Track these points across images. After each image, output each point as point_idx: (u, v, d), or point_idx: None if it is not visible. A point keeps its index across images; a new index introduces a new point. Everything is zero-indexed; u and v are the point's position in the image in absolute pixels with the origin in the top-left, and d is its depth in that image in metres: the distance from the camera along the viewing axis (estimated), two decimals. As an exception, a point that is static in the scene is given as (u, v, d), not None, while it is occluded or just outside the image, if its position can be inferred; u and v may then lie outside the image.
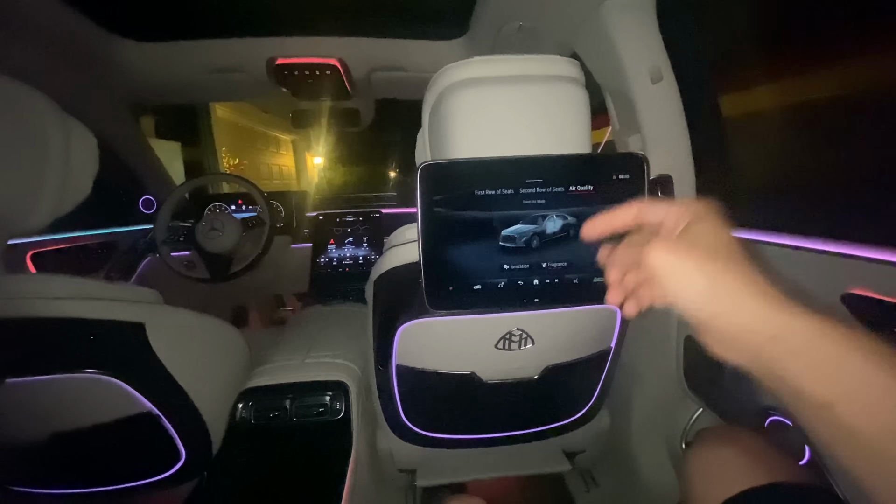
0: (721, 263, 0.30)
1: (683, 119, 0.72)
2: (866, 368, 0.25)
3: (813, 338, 0.26)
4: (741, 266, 0.29)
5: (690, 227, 0.33)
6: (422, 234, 0.50)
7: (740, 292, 0.28)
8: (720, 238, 0.31)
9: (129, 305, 0.65)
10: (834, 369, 0.25)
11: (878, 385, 0.24)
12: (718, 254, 0.30)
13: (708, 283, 0.30)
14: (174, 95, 1.41)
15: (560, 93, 0.55)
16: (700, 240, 0.32)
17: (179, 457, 0.73)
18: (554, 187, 0.50)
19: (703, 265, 0.30)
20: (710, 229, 0.32)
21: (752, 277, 0.29)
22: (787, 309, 0.27)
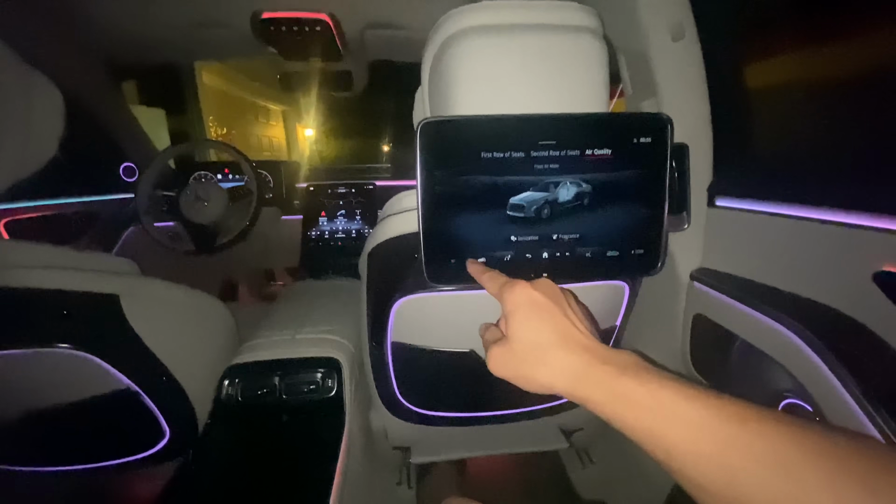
0: (531, 366, 0.36)
1: (704, 82, 0.67)
2: (702, 420, 0.27)
3: (640, 396, 0.30)
4: (554, 355, 0.35)
5: (509, 324, 0.38)
6: (421, 201, 0.45)
7: (559, 384, 0.35)
8: (527, 335, 0.37)
9: (101, 276, 0.60)
10: (641, 407, 0.30)
11: (685, 416, 0.28)
12: (530, 354, 0.36)
13: (534, 384, 0.36)
14: (153, 53, 1.32)
15: (577, 45, 0.49)
16: (516, 339, 0.38)
17: (163, 434, 0.69)
18: (569, 150, 0.45)
19: (522, 371, 0.37)
20: (520, 328, 0.37)
21: (567, 363, 0.35)
22: (605, 375, 0.33)
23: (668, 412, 0.29)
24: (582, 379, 0.34)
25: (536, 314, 0.37)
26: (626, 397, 0.31)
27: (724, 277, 0.67)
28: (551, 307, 0.38)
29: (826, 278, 0.53)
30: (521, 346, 0.37)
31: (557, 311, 0.38)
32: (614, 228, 0.47)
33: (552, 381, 0.35)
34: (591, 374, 0.33)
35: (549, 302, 0.38)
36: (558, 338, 0.36)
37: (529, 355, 0.37)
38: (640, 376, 0.31)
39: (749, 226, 0.63)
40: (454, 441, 0.95)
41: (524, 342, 0.37)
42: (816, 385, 0.50)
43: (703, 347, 0.71)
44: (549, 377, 0.35)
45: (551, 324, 0.37)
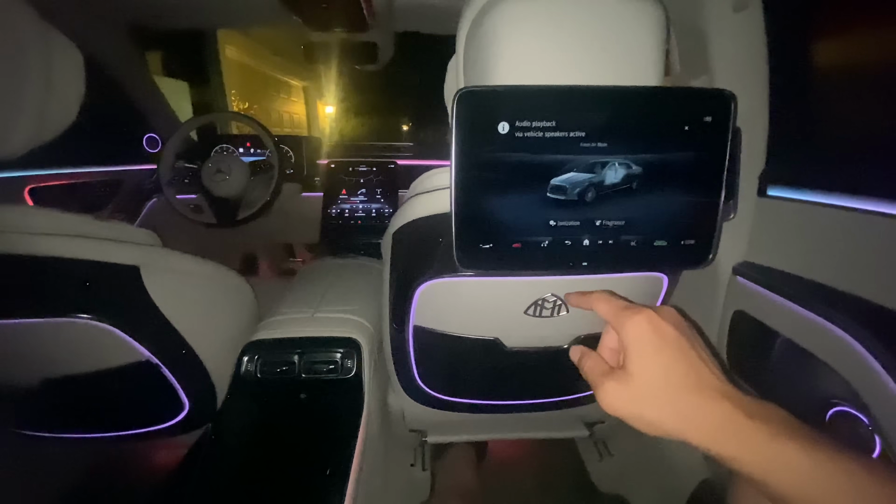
0: (658, 410, 0.32)
1: (766, 59, 0.61)
2: (852, 477, 0.26)
3: (797, 467, 0.27)
4: (688, 401, 0.31)
5: (630, 358, 0.34)
6: (455, 179, 0.41)
7: (692, 435, 0.30)
8: (654, 373, 0.33)
9: (122, 246, 0.59)
10: (806, 479, 0.27)
11: (865, 492, 0.25)
12: (657, 395, 0.32)
13: (658, 429, 0.32)
14: (176, 17, 1.29)
15: (632, 9, 0.44)
16: (640, 377, 0.33)
17: (183, 407, 0.69)
18: (619, 127, 0.41)
19: (644, 413, 0.33)
20: (646, 364, 0.33)
21: (704, 412, 0.30)
22: (754, 433, 0.28)
23: (843, 487, 0.26)
24: (723, 433, 0.30)
25: (666, 350, 0.33)
26: (784, 464, 0.27)
27: (770, 273, 0.63)
28: (682, 343, 0.34)
29: (887, 277, 0.48)
30: (645, 385, 0.33)
31: (689, 347, 0.34)
32: (664, 216, 0.43)
33: (684, 431, 0.31)
34: (734, 430, 0.29)
35: (680, 336, 0.34)
36: (692, 381, 0.32)
37: (657, 397, 0.32)
38: (799, 439, 0.28)
39: (802, 217, 0.58)
40: (471, 425, 0.94)
41: (650, 381, 0.33)
42: (874, 393, 0.46)
43: (743, 347, 0.67)
44: (681, 425, 0.31)
45: (684, 363, 0.33)
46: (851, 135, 0.60)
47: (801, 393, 0.57)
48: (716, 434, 0.30)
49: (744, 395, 0.31)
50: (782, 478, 0.27)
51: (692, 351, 0.33)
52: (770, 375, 0.62)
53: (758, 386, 0.65)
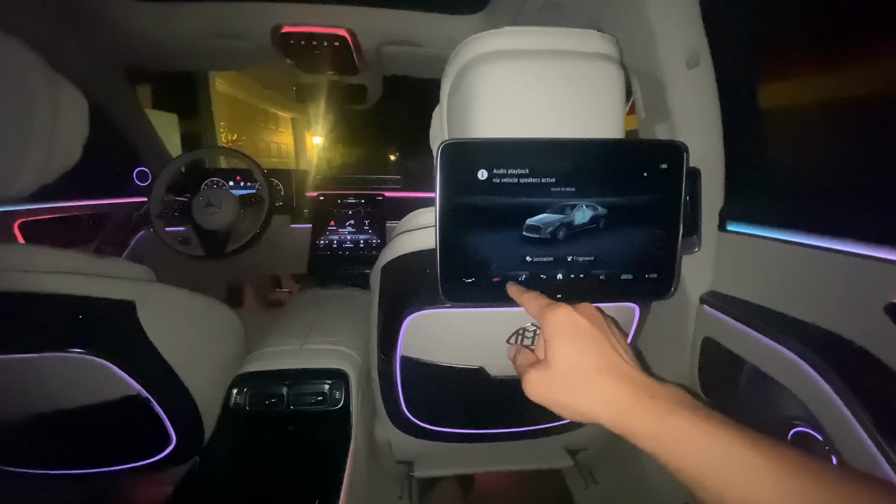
0: (572, 393, 0.35)
1: (718, 108, 0.68)
2: (760, 467, 0.27)
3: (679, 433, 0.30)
4: (598, 383, 0.34)
5: (549, 348, 0.37)
6: (439, 219, 0.46)
7: (602, 414, 0.34)
8: (569, 360, 0.36)
9: (119, 282, 0.61)
10: (694, 450, 0.29)
11: (742, 461, 0.28)
12: (572, 380, 0.35)
13: (574, 412, 0.35)
14: (172, 61, 1.34)
15: (595, 71, 0.50)
16: (557, 364, 0.36)
17: (170, 441, 0.69)
18: (585, 174, 0.46)
19: (561, 398, 0.36)
20: (561, 352, 0.36)
21: (612, 392, 0.34)
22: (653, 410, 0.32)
23: (724, 455, 0.28)
24: (628, 411, 0.33)
25: (578, 338, 0.36)
26: (677, 436, 0.30)
27: (733, 301, 0.68)
28: (595, 332, 0.37)
29: (837, 307, 0.53)
30: (562, 371, 0.36)
31: (602, 336, 0.37)
32: (629, 252, 0.48)
33: (594, 411, 0.34)
34: (637, 408, 0.32)
35: (594, 327, 0.37)
36: (603, 365, 0.35)
37: (571, 382, 0.35)
38: (689, 414, 0.31)
39: (759, 251, 0.64)
40: (458, 456, 0.94)
41: (565, 367, 0.36)
42: (826, 414, 0.50)
43: (712, 371, 0.71)
44: (592, 406, 0.34)
45: (596, 350, 0.36)
46: (794, 176, 0.66)
47: (766, 414, 0.61)
48: (620, 412, 0.33)
49: (647, 378, 0.35)
50: (674, 450, 0.30)
51: (604, 340, 0.37)
52: (737, 398, 0.66)
53: (727, 407, 0.69)
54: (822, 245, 0.55)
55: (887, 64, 0.53)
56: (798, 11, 0.60)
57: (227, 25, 1.11)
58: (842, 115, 0.60)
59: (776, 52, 0.65)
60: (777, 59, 0.66)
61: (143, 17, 1.07)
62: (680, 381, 0.77)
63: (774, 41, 0.65)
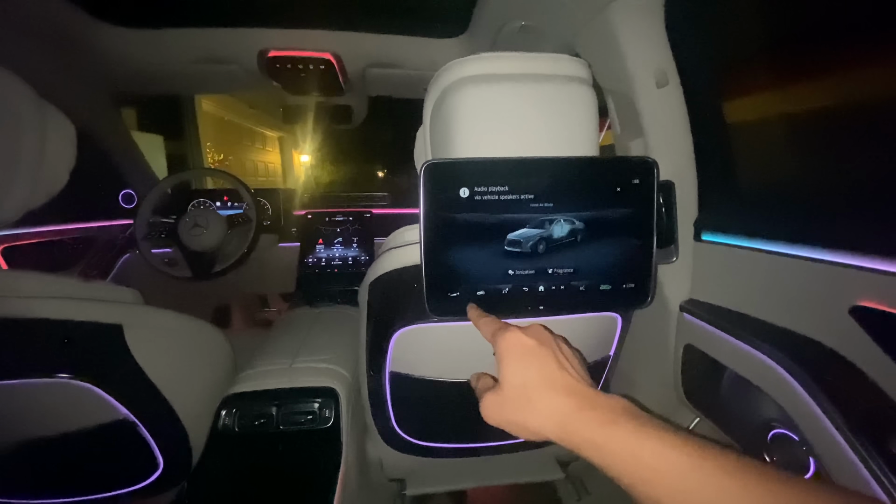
0: (521, 411, 0.36)
1: (688, 124, 0.71)
2: (688, 471, 0.28)
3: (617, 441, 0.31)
4: (541, 398, 0.36)
5: (500, 370, 0.39)
6: (424, 236, 0.47)
7: (548, 429, 0.34)
8: (516, 379, 0.37)
9: (106, 306, 0.61)
10: (630, 457, 0.30)
11: (670, 463, 0.29)
12: (519, 398, 0.37)
13: (525, 430, 0.36)
14: (159, 85, 1.36)
15: (569, 93, 0.53)
16: (506, 384, 0.38)
17: (157, 466, 0.69)
18: (562, 191, 0.48)
19: (512, 417, 0.37)
20: (509, 372, 0.38)
21: (554, 406, 0.35)
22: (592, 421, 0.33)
23: (656, 462, 0.29)
24: (569, 424, 0.34)
25: (525, 358, 0.38)
26: (612, 445, 0.31)
27: (711, 309, 0.70)
28: (540, 351, 0.38)
29: (807, 311, 0.56)
30: (510, 390, 0.37)
31: (547, 353, 0.38)
32: (606, 263, 0.50)
33: (541, 426, 0.35)
34: (579, 419, 0.33)
35: (539, 345, 0.39)
36: (545, 381, 0.36)
37: (518, 400, 0.37)
38: (628, 423, 0.32)
39: (733, 259, 0.67)
40: (449, 473, 0.94)
41: (513, 387, 0.37)
42: (800, 415, 0.52)
43: (694, 377, 0.73)
44: (538, 422, 0.35)
45: (538, 367, 0.37)
46: (762, 187, 0.70)
47: (746, 417, 0.62)
48: (564, 425, 0.34)
49: (591, 390, 0.36)
50: (612, 458, 0.31)
51: (550, 357, 0.38)
52: (719, 402, 0.68)
53: (709, 411, 0.71)
54: (791, 252, 0.57)
55: (842, 80, 0.57)
56: (756, 33, 0.64)
57: (214, 51, 1.13)
58: (803, 129, 0.64)
59: (738, 71, 0.69)
60: (740, 78, 0.70)
61: (130, 44, 1.09)
62: (664, 388, 0.79)
63: (736, 61, 0.69)
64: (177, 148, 3.09)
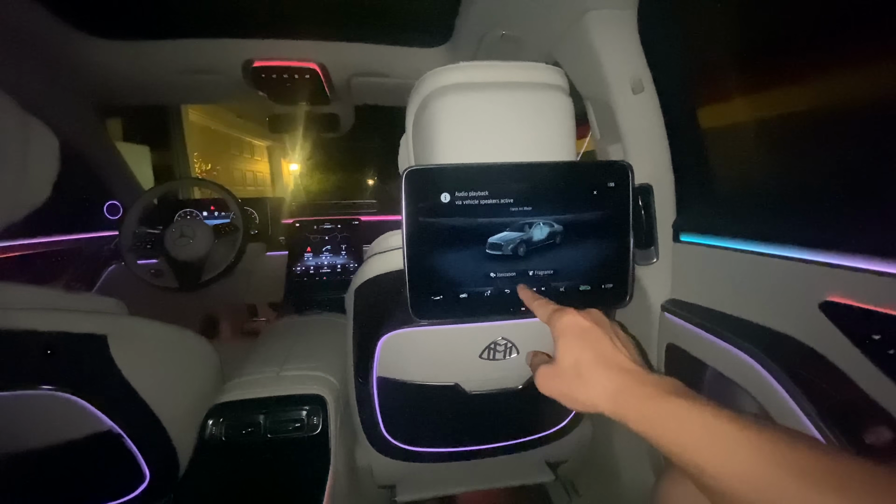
0: (575, 384, 0.40)
1: (664, 129, 0.74)
2: (737, 438, 0.30)
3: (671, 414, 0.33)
4: (597, 374, 0.39)
5: (557, 346, 0.42)
6: (406, 241, 0.48)
7: (601, 402, 0.38)
8: (572, 356, 0.40)
9: (90, 316, 0.60)
10: (679, 427, 0.32)
11: (719, 434, 0.31)
12: (573, 372, 0.40)
13: (577, 402, 0.40)
14: (144, 96, 1.36)
15: (545, 100, 0.54)
16: (562, 359, 0.41)
17: (143, 478, 0.68)
18: (540, 194, 0.50)
19: (566, 390, 0.40)
20: (566, 350, 0.41)
21: (607, 382, 0.38)
22: (636, 400, 0.35)
23: (704, 430, 0.31)
24: (621, 397, 0.37)
25: (582, 337, 0.41)
26: (663, 417, 0.34)
27: (691, 308, 0.72)
28: (597, 331, 0.41)
29: (781, 308, 0.58)
30: (566, 366, 0.41)
31: (602, 334, 0.41)
32: (585, 264, 0.51)
33: (595, 399, 0.38)
34: (630, 394, 0.36)
35: (595, 327, 0.42)
36: (599, 358, 0.39)
37: (574, 375, 0.40)
38: (678, 398, 0.34)
39: (710, 259, 0.68)
40: (439, 478, 0.94)
41: (570, 362, 0.40)
42: (777, 410, 0.53)
43: (677, 375, 0.74)
44: (592, 395, 0.38)
45: (596, 346, 0.40)
46: (735, 189, 0.72)
47: (726, 414, 0.64)
48: (616, 399, 0.37)
49: (642, 369, 0.39)
50: (660, 430, 0.34)
51: (604, 338, 0.41)
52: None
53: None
54: (765, 251, 0.59)
55: (809, 85, 0.59)
56: (725, 42, 0.67)
57: (199, 61, 1.13)
58: (773, 133, 0.66)
59: (710, 78, 0.72)
60: (711, 85, 0.73)
61: (115, 56, 1.09)
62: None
63: (707, 69, 0.71)
64: (163, 158, 3.07)
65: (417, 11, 1.03)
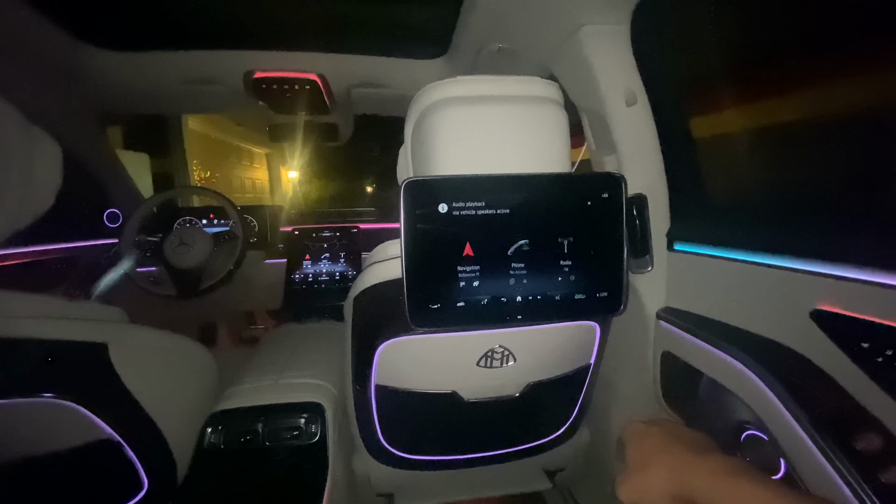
0: (644, 469, 0.43)
1: (657, 141, 0.75)
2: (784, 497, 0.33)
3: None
4: (659, 461, 0.42)
5: (627, 454, 0.46)
6: (405, 250, 0.49)
7: (665, 485, 0.40)
8: (642, 449, 0.45)
9: (91, 324, 0.61)
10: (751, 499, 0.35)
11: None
12: (642, 463, 0.44)
13: (643, 490, 0.42)
14: (146, 106, 1.37)
15: (541, 113, 0.56)
16: (631, 460, 0.45)
17: (141, 486, 0.68)
18: (536, 205, 0.51)
19: (637, 481, 0.43)
20: (635, 447, 0.46)
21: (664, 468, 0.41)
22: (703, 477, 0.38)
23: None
24: (684, 479, 0.39)
25: (649, 437, 0.46)
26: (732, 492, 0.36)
27: (686, 316, 0.73)
28: (658, 431, 0.46)
29: (773, 316, 0.59)
30: (634, 464, 0.45)
31: (665, 434, 0.46)
32: (580, 273, 0.52)
33: (659, 484, 0.41)
34: (690, 475, 0.39)
35: (658, 429, 0.47)
36: (665, 448, 0.44)
37: (640, 468, 0.44)
38: (746, 474, 0.37)
39: (704, 268, 0.70)
40: (438, 486, 0.94)
41: (637, 460, 0.45)
42: (768, 415, 0.54)
43: (673, 383, 0.75)
44: (657, 481, 0.41)
45: (662, 441, 0.45)
46: (728, 199, 0.73)
47: (721, 420, 0.64)
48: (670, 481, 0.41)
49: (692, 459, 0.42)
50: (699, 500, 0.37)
51: (666, 434, 0.46)
52: (696, 406, 0.70)
53: (687, 415, 0.73)
54: (757, 260, 0.61)
55: (799, 96, 0.61)
56: (715, 56, 0.68)
57: (201, 72, 1.15)
58: (764, 145, 0.67)
59: (701, 91, 0.73)
60: (702, 97, 0.74)
61: (117, 66, 1.10)
62: (645, 394, 0.81)
63: (698, 82, 0.73)
64: (163, 166, 3.07)
65: (416, 24, 1.05)
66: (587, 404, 0.81)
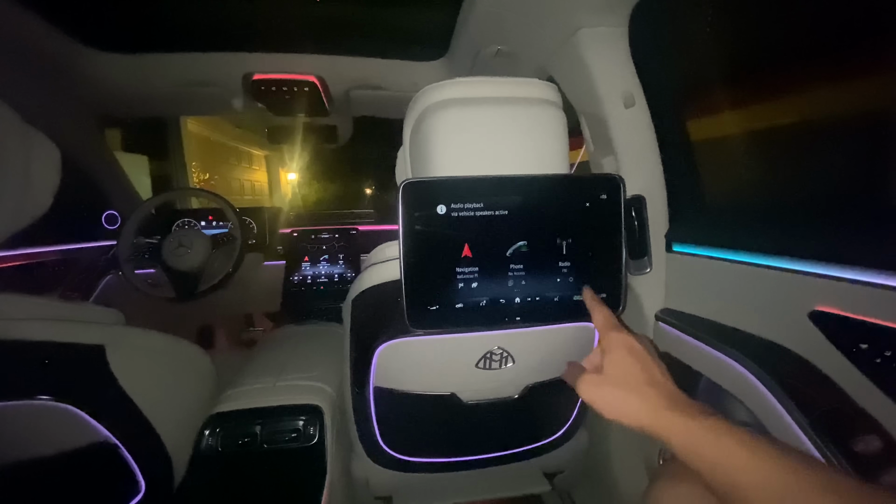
0: (619, 396, 0.44)
1: (655, 142, 0.75)
2: (749, 443, 0.36)
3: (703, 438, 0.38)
4: (644, 391, 0.43)
5: (607, 358, 0.47)
6: (403, 251, 0.49)
7: (642, 416, 0.42)
8: (622, 370, 0.45)
9: (87, 326, 0.61)
10: (715, 443, 0.37)
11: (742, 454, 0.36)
12: (621, 384, 0.45)
13: (618, 412, 0.44)
14: (145, 108, 1.37)
15: (539, 115, 0.56)
16: (611, 373, 0.46)
17: (138, 489, 0.67)
18: (535, 207, 0.51)
19: (609, 399, 0.45)
20: (617, 363, 0.46)
21: (653, 399, 0.42)
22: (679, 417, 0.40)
23: (741, 445, 0.36)
24: (666, 414, 0.41)
25: (634, 355, 0.46)
26: (699, 434, 0.38)
27: (684, 317, 0.73)
28: (645, 354, 0.46)
29: (771, 317, 0.59)
30: (615, 377, 0.45)
31: (649, 358, 0.46)
32: (578, 275, 0.52)
33: (637, 412, 0.43)
34: (672, 413, 0.41)
35: (645, 351, 0.46)
36: (650, 378, 0.44)
37: (622, 386, 0.44)
38: (715, 420, 0.39)
39: (702, 269, 0.70)
40: (436, 489, 0.94)
41: (619, 375, 0.45)
42: (767, 416, 0.54)
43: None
44: (635, 408, 0.43)
45: (646, 366, 0.45)
46: (726, 201, 0.73)
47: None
48: (659, 415, 0.42)
49: (681, 393, 0.44)
50: (697, 445, 0.38)
51: (654, 362, 0.46)
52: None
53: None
54: (755, 262, 0.61)
55: (795, 99, 0.61)
56: (711, 59, 0.69)
57: (200, 74, 1.15)
58: (762, 146, 0.68)
59: (698, 93, 0.74)
60: (699, 100, 0.75)
61: (116, 69, 1.10)
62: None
63: (695, 84, 0.73)
64: (161, 168, 3.07)
65: (415, 27, 1.06)
66: (586, 407, 0.81)
